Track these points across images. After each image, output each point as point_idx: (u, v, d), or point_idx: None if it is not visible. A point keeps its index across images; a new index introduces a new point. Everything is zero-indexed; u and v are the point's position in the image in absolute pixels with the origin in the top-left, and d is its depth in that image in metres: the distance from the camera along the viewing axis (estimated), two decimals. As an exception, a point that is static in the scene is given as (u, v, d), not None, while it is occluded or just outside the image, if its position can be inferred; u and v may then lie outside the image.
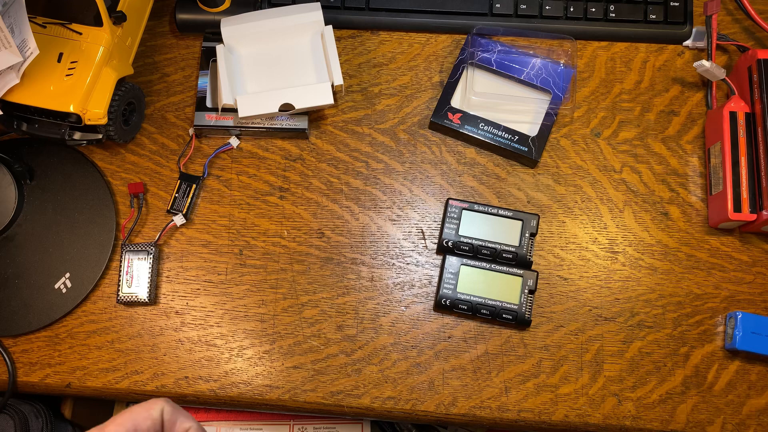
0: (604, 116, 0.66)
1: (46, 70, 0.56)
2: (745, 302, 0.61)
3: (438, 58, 0.67)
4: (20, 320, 0.60)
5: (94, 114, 0.57)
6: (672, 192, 0.64)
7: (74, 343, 0.61)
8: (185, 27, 0.67)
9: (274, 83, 0.63)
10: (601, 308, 0.61)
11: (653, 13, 0.67)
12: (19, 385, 0.60)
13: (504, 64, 0.65)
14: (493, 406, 0.59)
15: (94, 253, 0.62)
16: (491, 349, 0.60)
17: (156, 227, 0.63)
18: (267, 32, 0.63)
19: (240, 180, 0.64)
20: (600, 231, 0.63)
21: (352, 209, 0.63)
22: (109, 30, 0.57)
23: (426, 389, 0.59)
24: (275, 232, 0.63)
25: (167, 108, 0.66)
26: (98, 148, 0.65)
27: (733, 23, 0.68)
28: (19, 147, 0.64)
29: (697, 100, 0.66)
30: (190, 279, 0.62)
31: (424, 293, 0.61)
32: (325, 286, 0.62)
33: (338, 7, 0.68)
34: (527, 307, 0.59)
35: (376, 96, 0.66)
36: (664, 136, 0.65)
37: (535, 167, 0.64)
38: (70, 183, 0.63)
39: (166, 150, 0.65)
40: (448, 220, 0.61)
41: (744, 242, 0.62)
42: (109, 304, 0.62)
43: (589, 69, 0.67)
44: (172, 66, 0.68)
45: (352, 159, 0.65)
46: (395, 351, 0.60)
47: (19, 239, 0.62)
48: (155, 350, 0.60)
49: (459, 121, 0.64)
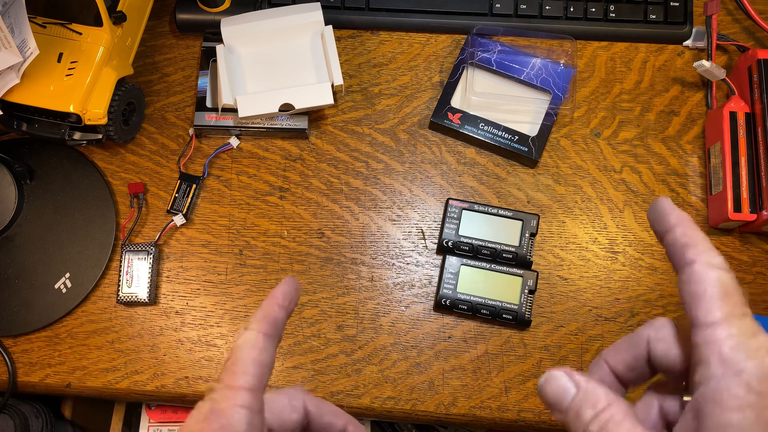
0: (604, 116, 0.66)
1: (46, 70, 0.56)
2: (745, 302, 0.61)
3: (438, 58, 0.67)
4: (20, 320, 0.60)
5: (94, 114, 0.57)
6: (672, 192, 0.64)
7: (74, 343, 0.61)
8: (185, 27, 0.67)
9: (274, 83, 0.63)
10: (601, 308, 0.61)
11: (653, 13, 0.67)
12: (19, 385, 0.60)
13: (504, 64, 0.65)
14: (493, 406, 0.59)
15: (94, 253, 0.62)
16: (491, 349, 0.60)
17: (156, 227, 0.63)
18: (267, 32, 0.63)
19: (240, 180, 0.64)
20: (600, 231, 0.63)
21: (352, 209, 0.63)
22: (109, 30, 0.57)
23: (426, 389, 0.59)
24: (275, 232, 0.63)
25: (167, 108, 0.66)
26: (98, 148, 0.65)
27: (733, 23, 0.68)
28: (19, 147, 0.64)
29: (697, 100, 0.66)
30: (190, 279, 0.62)
31: (424, 293, 0.61)
32: (325, 286, 0.62)
33: (338, 7, 0.68)
34: (527, 307, 0.59)
35: (376, 96, 0.66)
36: (664, 136, 0.65)
37: (535, 167, 0.64)
38: (70, 183, 0.63)
39: (166, 150, 0.65)
40: (448, 220, 0.61)
41: (744, 242, 0.62)
42: (109, 304, 0.62)
43: (589, 69, 0.67)
44: (172, 66, 0.68)
45: (352, 159, 0.65)
46: (395, 351, 0.60)
47: (19, 239, 0.62)
48: (155, 350, 0.60)
49: (459, 121, 0.64)
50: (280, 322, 0.31)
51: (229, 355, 0.30)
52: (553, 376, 0.29)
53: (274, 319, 0.31)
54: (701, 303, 0.26)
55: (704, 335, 0.26)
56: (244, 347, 0.30)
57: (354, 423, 0.34)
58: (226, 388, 0.29)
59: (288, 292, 0.32)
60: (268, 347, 0.30)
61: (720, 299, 0.26)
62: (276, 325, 0.31)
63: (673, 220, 0.29)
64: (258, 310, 0.31)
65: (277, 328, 0.31)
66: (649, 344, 0.30)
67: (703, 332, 0.26)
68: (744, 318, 0.26)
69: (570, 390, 0.29)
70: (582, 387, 0.29)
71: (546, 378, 0.30)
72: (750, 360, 0.25)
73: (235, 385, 0.29)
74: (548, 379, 0.30)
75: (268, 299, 0.32)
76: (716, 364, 0.25)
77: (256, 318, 0.31)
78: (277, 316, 0.31)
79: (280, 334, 0.31)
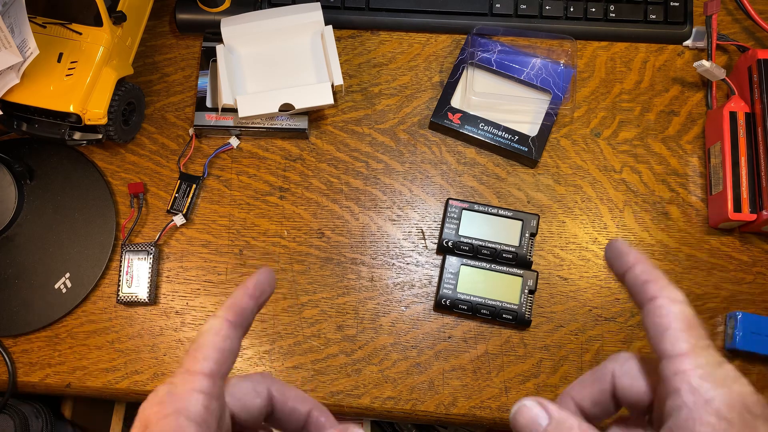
0: (604, 116, 0.66)
1: (46, 70, 0.56)
2: (745, 302, 0.61)
3: (438, 58, 0.67)
4: (20, 320, 0.60)
5: (94, 114, 0.57)
6: (672, 192, 0.64)
7: (74, 343, 0.61)
8: (185, 27, 0.67)
9: (274, 83, 0.63)
10: (601, 308, 0.61)
11: (653, 13, 0.67)
12: (19, 385, 0.60)
13: (504, 64, 0.65)
14: (493, 406, 0.59)
15: (94, 253, 0.62)
16: (491, 349, 0.60)
17: (156, 227, 0.63)
18: (267, 32, 0.63)
19: (240, 180, 0.64)
20: (600, 231, 0.63)
21: (352, 209, 0.63)
22: (109, 30, 0.57)
23: (426, 389, 0.59)
24: (275, 232, 0.63)
25: (167, 108, 0.66)
26: (98, 148, 0.65)
27: (733, 23, 0.68)
28: (19, 147, 0.64)
29: (697, 100, 0.66)
30: (190, 279, 0.62)
31: (424, 293, 0.61)
32: (325, 286, 0.62)
33: (338, 7, 0.68)
34: (527, 307, 0.59)
35: (376, 96, 0.66)
36: (664, 136, 0.65)
37: (535, 167, 0.64)
38: (70, 183, 0.63)
39: (166, 150, 0.65)
40: (448, 220, 0.61)
41: (744, 242, 0.62)
42: (109, 304, 0.62)
43: (589, 69, 0.67)
44: (172, 66, 0.68)
45: (352, 159, 0.65)
46: (395, 351, 0.60)
47: (19, 239, 0.62)
48: (155, 350, 0.60)
49: (459, 121, 0.64)
50: (248, 312, 0.32)
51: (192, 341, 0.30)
52: (526, 406, 0.30)
53: (241, 308, 0.31)
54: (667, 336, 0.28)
55: (673, 366, 0.27)
56: (207, 333, 0.30)
57: (319, 407, 0.33)
58: (186, 373, 0.29)
59: (260, 283, 0.33)
60: (232, 335, 0.30)
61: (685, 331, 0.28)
62: (243, 314, 0.31)
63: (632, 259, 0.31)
64: (228, 298, 0.32)
65: (244, 316, 0.31)
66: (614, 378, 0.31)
67: (671, 364, 0.27)
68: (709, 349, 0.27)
69: (542, 419, 0.29)
70: (555, 416, 0.29)
71: (518, 408, 0.30)
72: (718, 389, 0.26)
73: (195, 369, 0.29)
74: (520, 409, 0.30)
75: (239, 288, 0.32)
76: (687, 393, 0.26)
77: (224, 305, 0.31)
78: (246, 305, 0.32)
79: (246, 323, 0.32)
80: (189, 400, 0.28)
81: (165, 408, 0.28)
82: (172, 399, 0.28)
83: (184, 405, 0.28)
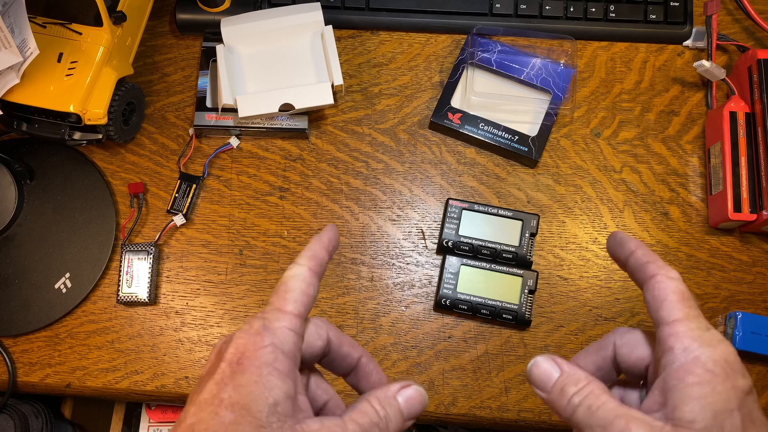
0: (604, 116, 0.66)
1: (46, 70, 0.56)
2: (745, 302, 0.61)
3: (438, 58, 0.67)
4: (20, 320, 0.60)
5: (94, 114, 0.57)
6: (672, 192, 0.64)
7: (74, 343, 0.61)
8: (185, 27, 0.67)
9: (274, 83, 0.63)
10: (601, 308, 0.61)
11: (653, 13, 0.67)
12: (19, 385, 0.60)
13: (504, 64, 0.65)
14: (493, 406, 0.59)
15: (94, 253, 0.62)
16: (491, 349, 0.60)
17: (156, 227, 0.63)
18: (267, 32, 0.63)
19: (240, 180, 0.64)
20: (600, 231, 0.63)
21: (352, 209, 0.63)
22: (109, 30, 0.57)
23: (426, 389, 0.59)
24: (275, 232, 0.63)
25: (167, 108, 0.66)
26: (98, 148, 0.65)
27: (733, 23, 0.68)
28: (19, 147, 0.64)
29: (697, 100, 0.66)
30: (190, 279, 0.62)
31: (424, 293, 0.61)
32: (325, 286, 0.62)
33: (338, 7, 0.68)
34: (527, 307, 0.59)
35: (376, 96, 0.66)
36: (664, 136, 0.65)
37: (535, 167, 0.64)
38: (70, 183, 0.63)
39: (166, 150, 0.65)
40: (448, 220, 0.61)
41: (744, 242, 0.62)
42: (109, 304, 0.62)
43: (589, 69, 0.67)
44: (172, 66, 0.68)
45: (352, 159, 0.65)
46: (395, 351, 0.60)
47: (19, 239, 0.62)
48: (155, 350, 0.60)
49: (459, 121, 0.64)
50: (324, 263, 0.35)
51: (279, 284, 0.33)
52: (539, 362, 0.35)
53: (320, 258, 0.35)
54: (664, 306, 0.33)
55: (668, 330, 0.32)
56: (295, 279, 0.33)
57: (368, 356, 0.38)
58: (278, 311, 0.32)
59: (332, 239, 0.36)
60: (314, 282, 0.34)
61: (679, 302, 0.33)
62: (321, 264, 0.35)
63: (633, 246, 0.36)
64: (306, 250, 0.35)
65: (322, 267, 0.35)
66: (615, 347, 0.36)
67: (667, 328, 0.32)
68: (699, 317, 0.32)
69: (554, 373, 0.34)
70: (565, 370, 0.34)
71: (533, 363, 0.35)
72: (706, 348, 0.31)
73: (286, 309, 0.32)
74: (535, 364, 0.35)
75: (316, 241, 0.36)
76: (679, 351, 0.31)
77: (305, 255, 0.35)
78: (323, 257, 0.35)
79: (323, 273, 0.35)
80: (284, 336, 0.31)
81: (263, 339, 0.31)
82: (268, 333, 0.31)
83: (280, 339, 0.31)
